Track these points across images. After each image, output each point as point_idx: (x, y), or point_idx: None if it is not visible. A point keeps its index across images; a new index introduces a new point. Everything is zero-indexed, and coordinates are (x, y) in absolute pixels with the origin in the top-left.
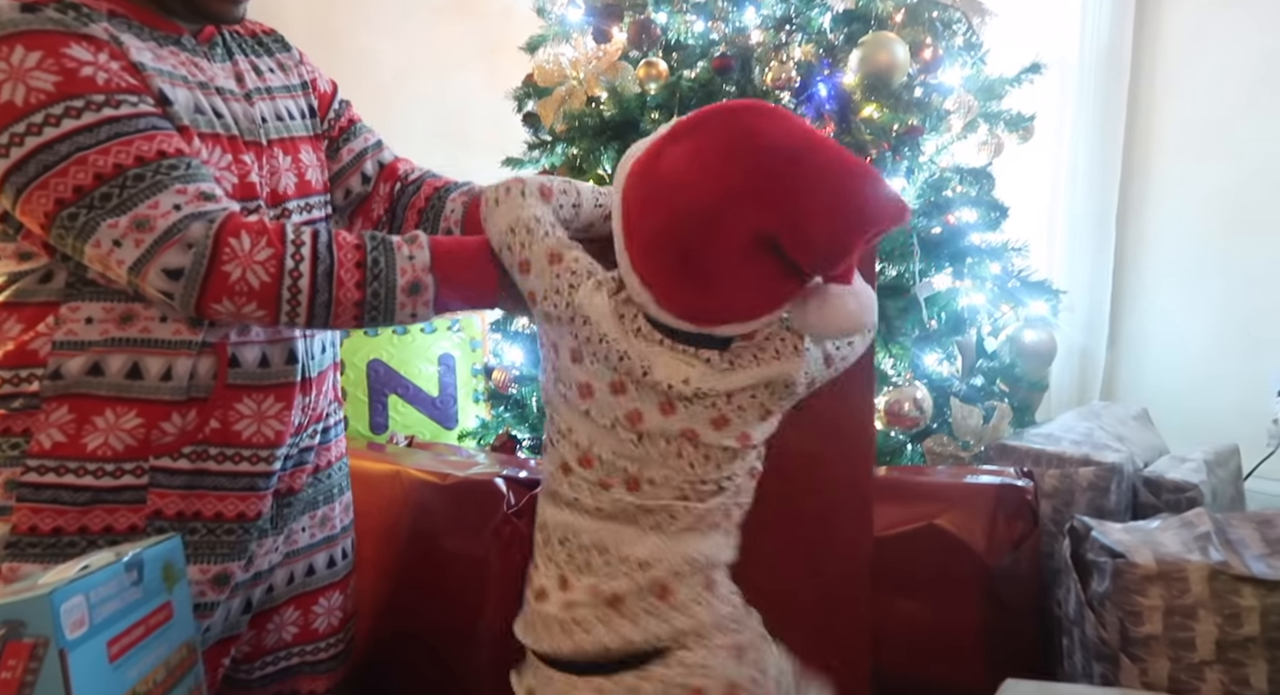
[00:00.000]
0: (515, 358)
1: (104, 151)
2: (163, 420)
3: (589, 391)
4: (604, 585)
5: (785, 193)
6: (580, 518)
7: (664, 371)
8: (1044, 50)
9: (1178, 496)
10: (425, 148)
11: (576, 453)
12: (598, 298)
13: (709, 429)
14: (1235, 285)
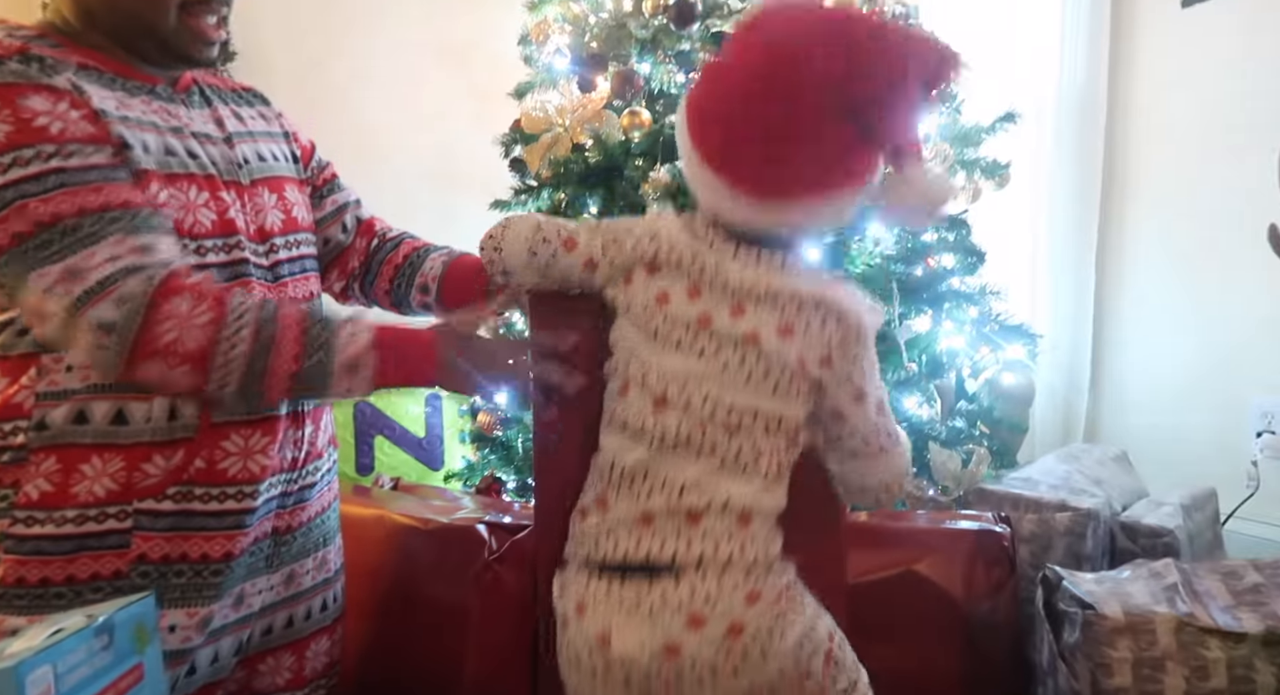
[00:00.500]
0: (501, 400)
1: (46, 201)
2: (144, 462)
3: (665, 298)
4: (639, 505)
5: (861, 54)
6: (628, 441)
7: (738, 271)
8: (1021, 96)
9: (1154, 541)
10: (414, 189)
11: (639, 372)
12: (664, 220)
13: (773, 335)
14: (1212, 326)
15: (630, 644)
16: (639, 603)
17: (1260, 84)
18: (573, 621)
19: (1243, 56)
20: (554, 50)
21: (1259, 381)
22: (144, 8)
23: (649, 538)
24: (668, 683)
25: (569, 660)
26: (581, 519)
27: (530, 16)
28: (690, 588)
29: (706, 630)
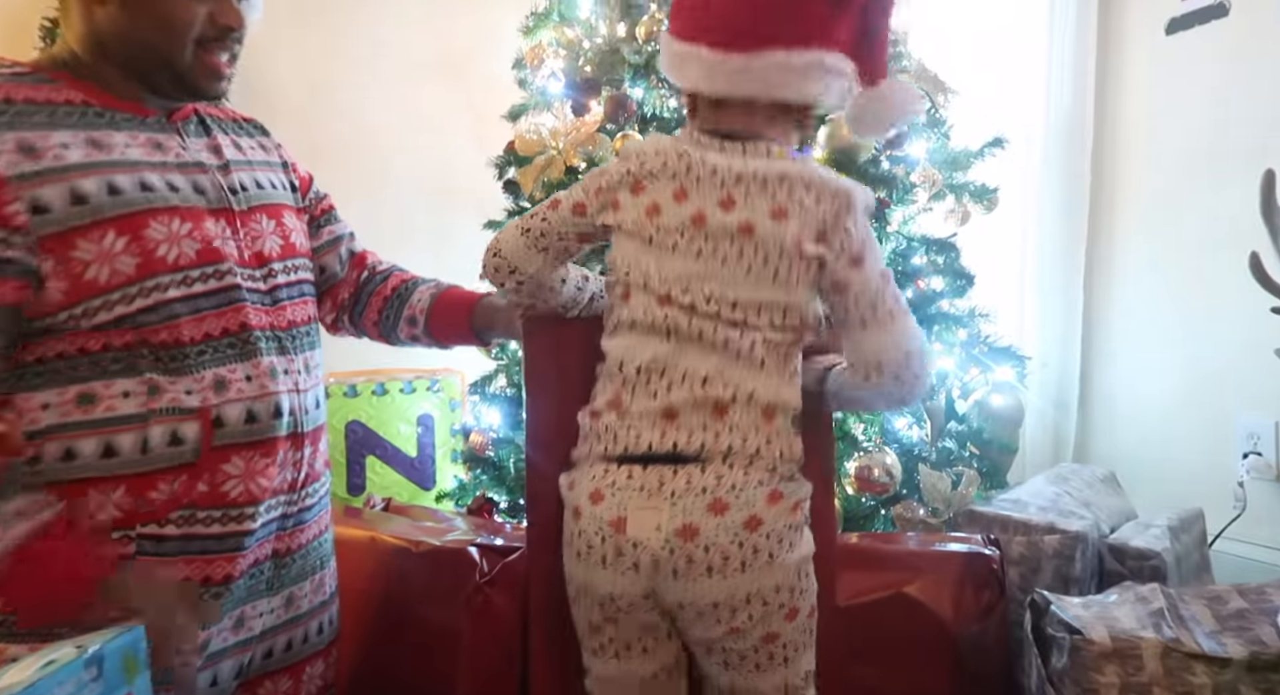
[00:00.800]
0: (493, 420)
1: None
2: (149, 491)
3: (655, 210)
4: (661, 400)
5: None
6: (639, 338)
7: (724, 160)
8: (1009, 121)
9: (1141, 564)
10: (412, 205)
11: (640, 278)
12: (640, 140)
13: (767, 219)
14: (1199, 347)
15: (645, 527)
16: (661, 485)
17: (1243, 109)
18: (586, 510)
19: (1226, 83)
20: (548, 74)
21: (1245, 402)
22: (161, 42)
23: (674, 430)
24: (675, 570)
25: (578, 552)
26: (594, 419)
27: (525, 41)
28: (716, 475)
29: (727, 517)
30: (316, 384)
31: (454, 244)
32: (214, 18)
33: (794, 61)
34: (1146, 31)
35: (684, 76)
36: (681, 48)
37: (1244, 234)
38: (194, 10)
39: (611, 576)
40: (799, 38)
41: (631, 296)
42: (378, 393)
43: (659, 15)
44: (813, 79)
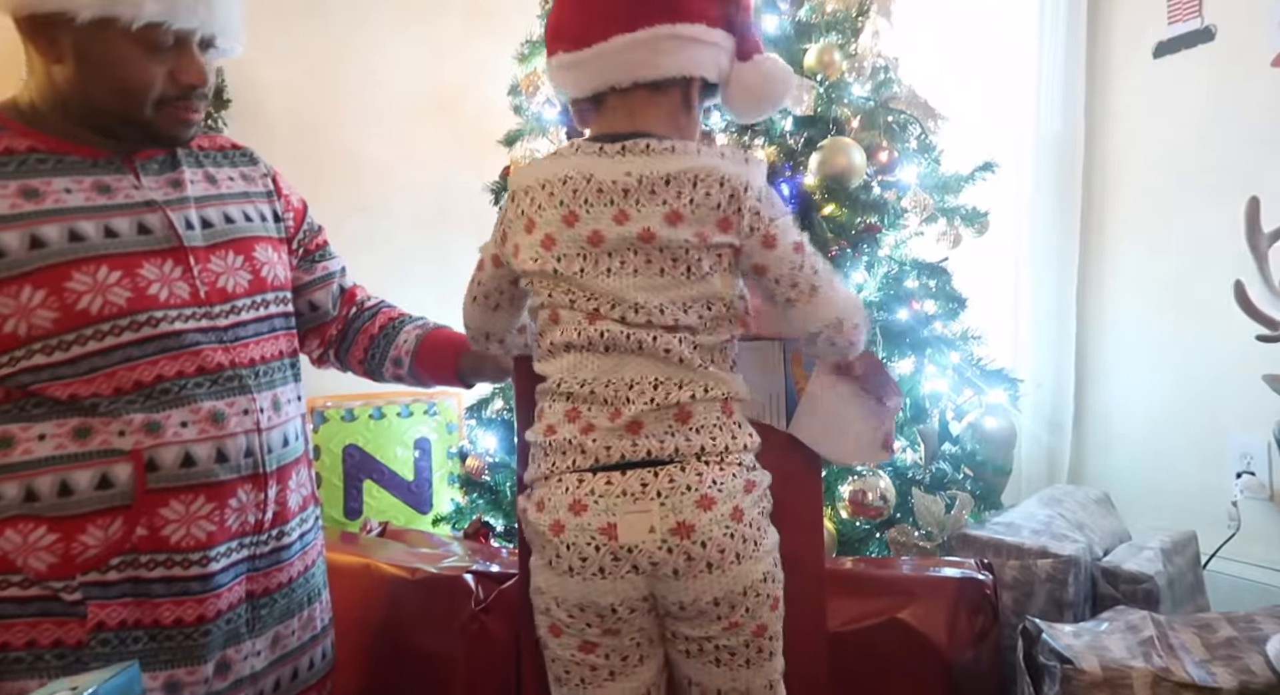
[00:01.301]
0: (490, 444)
1: None
2: (80, 534)
3: (550, 242)
4: (623, 416)
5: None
6: (578, 357)
7: (606, 170)
8: (1000, 144)
9: (1134, 588)
10: (407, 231)
11: (564, 300)
12: (522, 173)
13: (664, 225)
14: (1192, 367)
15: (638, 531)
16: (645, 487)
17: (1230, 131)
18: (570, 522)
19: (1213, 105)
20: (543, 100)
21: (1238, 421)
22: (118, 104)
23: (644, 439)
24: (676, 569)
25: (569, 568)
26: (549, 435)
27: (520, 68)
28: (697, 472)
29: (715, 511)
30: (288, 420)
31: (452, 269)
32: (175, 76)
33: (641, 37)
34: (1134, 55)
35: (560, 87)
36: (549, 63)
37: (1232, 255)
38: (151, 71)
39: (611, 585)
40: (639, 17)
41: (560, 318)
42: (375, 416)
43: None
44: (666, 52)
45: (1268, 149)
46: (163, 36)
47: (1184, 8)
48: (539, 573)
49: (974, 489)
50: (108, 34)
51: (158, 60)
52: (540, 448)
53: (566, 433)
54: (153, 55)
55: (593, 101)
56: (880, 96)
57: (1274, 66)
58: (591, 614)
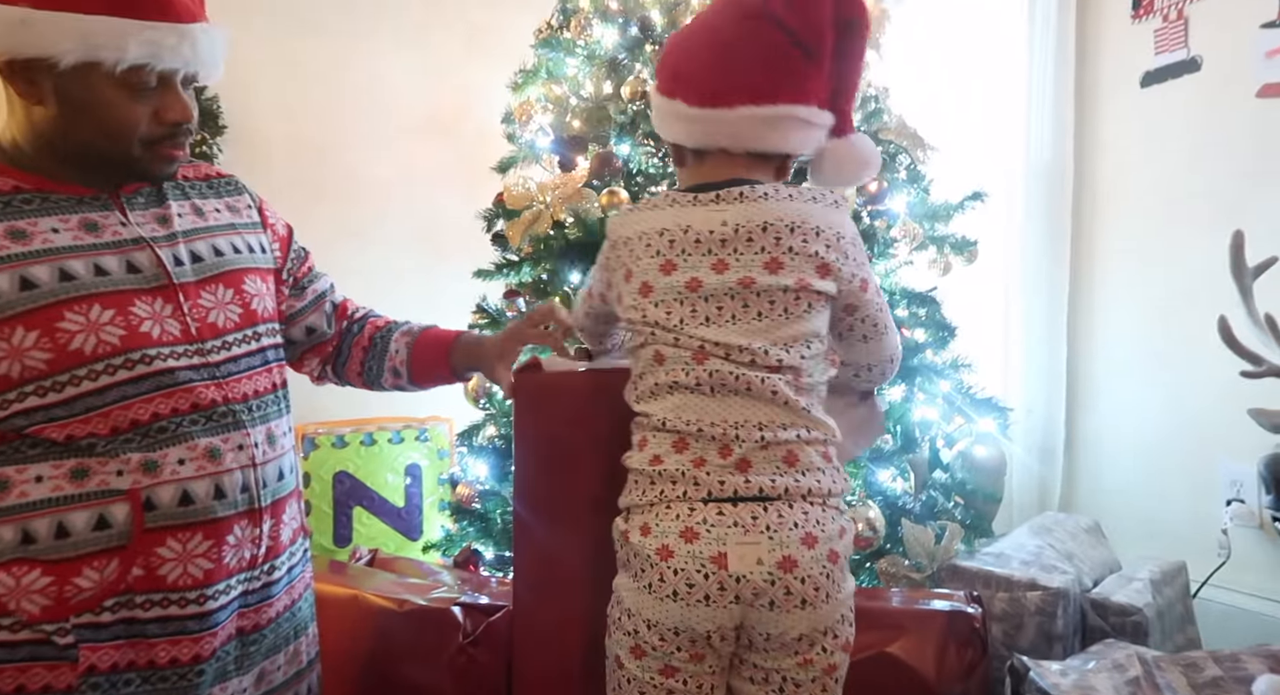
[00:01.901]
0: (480, 472)
1: None
2: (74, 576)
3: (647, 290)
4: (732, 448)
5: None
6: (684, 397)
7: (701, 221)
8: (990, 173)
9: (1123, 620)
10: (402, 255)
11: (667, 339)
12: (618, 222)
13: (764, 273)
14: (1181, 395)
15: (747, 561)
16: (755, 520)
17: (1215, 161)
18: (680, 549)
19: (1200, 134)
20: (537, 129)
21: (1228, 449)
22: (103, 144)
23: (756, 476)
24: (773, 601)
25: (673, 592)
26: (654, 463)
27: (514, 97)
28: (803, 511)
29: (816, 550)
30: (282, 454)
31: (444, 291)
32: (160, 115)
33: (764, 114)
34: (1122, 84)
35: (667, 130)
36: (663, 103)
37: (1220, 284)
38: (135, 111)
39: (712, 612)
40: (769, 93)
41: (665, 359)
42: (366, 443)
43: (644, 76)
44: (782, 131)
45: (1253, 179)
46: (146, 77)
47: (1170, 38)
48: (633, 594)
49: (964, 518)
50: (90, 78)
51: (142, 100)
52: (645, 475)
53: (675, 463)
54: (136, 96)
55: (696, 153)
56: (870, 127)
57: (1259, 97)
58: (685, 639)
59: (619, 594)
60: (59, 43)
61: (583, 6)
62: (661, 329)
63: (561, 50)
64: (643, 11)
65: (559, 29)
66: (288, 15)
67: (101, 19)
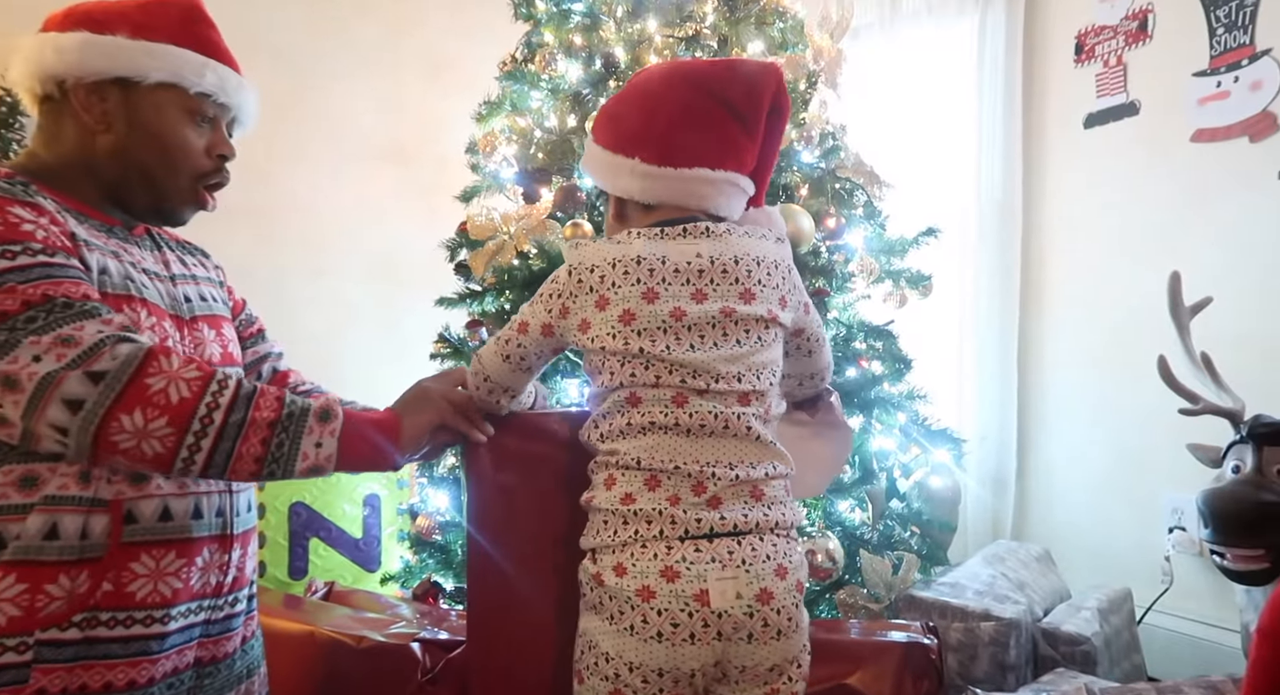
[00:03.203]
0: (441, 503)
1: (34, 286)
2: (48, 583)
3: (629, 317)
4: (706, 485)
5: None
6: (659, 437)
7: (677, 253)
8: (943, 211)
9: (1073, 649)
10: (359, 285)
11: (647, 379)
12: (581, 252)
13: (740, 303)
14: (1125, 426)
15: (728, 597)
16: (732, 554)
17: (1154, 201)
18: (662, 589)
19: (1140, 173)
20: (501, 160)
21: (1170, 478)
22: (159, 168)
23: (728, 511)
24: (751, 633)
25: (657, 633)
26: (625, 502)
27: (478, 128)
28: (773, 543)
29: (787, 580)
30: (248, 488)
31: (401, 318)
32: (210, 149)
33: (713, 177)
34: (1067, 126)
35: (616, 185)
36: (614, 159)
37: (1156, 320)
38: (195, 142)
39: (698, 650)
40: (718, 160)
41: (642, 400)
42: None
43: None
44: (726, 194)
45: (1189, 220)
46: (208, 108)
47: (1110, 83)
48: (610, 637)
49: (920, 547)
50: (163, 99)
51: (198, 132)
52: (616, 514)
53: (649, 502)
54: (195, 126)
55: (644, 206)
56: (828, 164)
57: (1192, 142)
58: (669, 680)
59: (591, 638)
60: (147, 64)
61: (548, 41)
62: (648, 360)
63: (526, 83)
64: (606, 48)
65: (524, 62)
66: (248, 40)
67: (184, 51)
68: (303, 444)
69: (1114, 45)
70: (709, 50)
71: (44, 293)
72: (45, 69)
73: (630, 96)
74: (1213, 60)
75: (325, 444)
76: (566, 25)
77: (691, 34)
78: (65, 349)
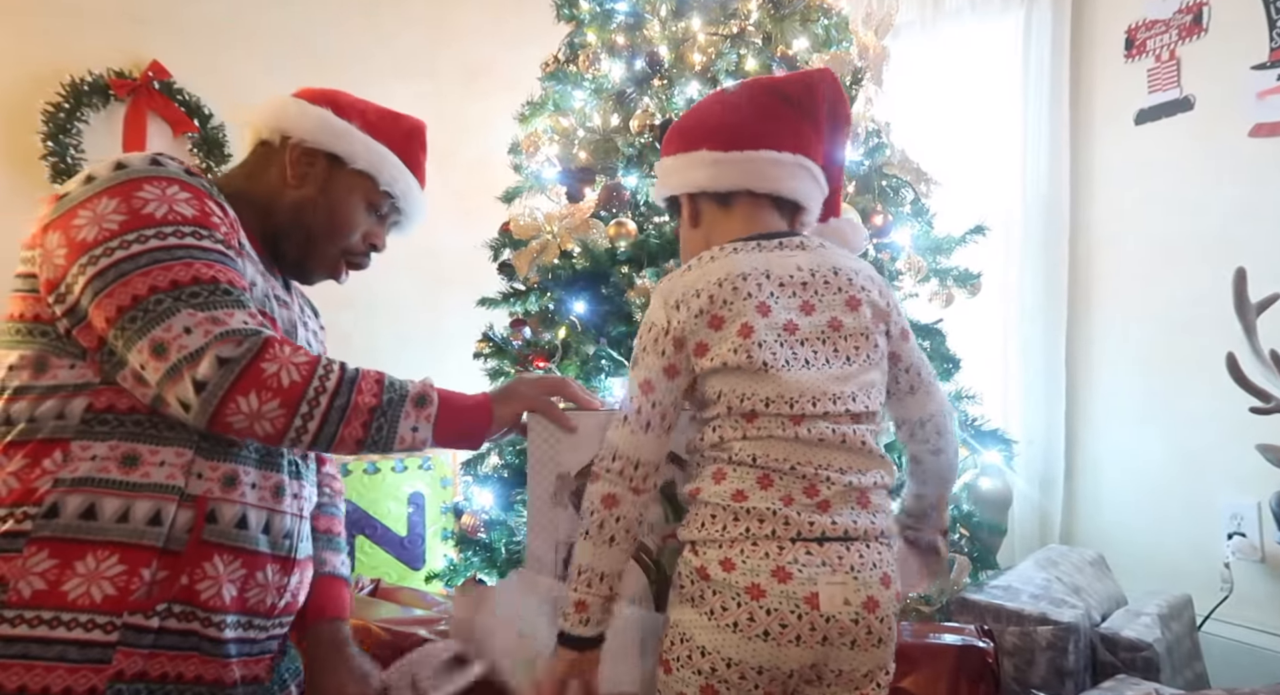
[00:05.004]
0: (485, 501)
1: (209, 265)
2: (143, 567)
3: (748, 330)
4: (819, 488)
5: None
6: (776, 443)
7: (778, 266)
8: (990, 209)
9: (1134, 655)
10: (402, 284)
11: (761, 402)
12: (681, 280)
13: (847, 312)
14: (1180, 428)
15: (836, 602)
16: (841, 560)
17: (1210, 198)
18: (773, 589)
19: (1194, 169)
20: (543, 160)
21: (1228, 482)
22: (321, 233)
23: (838, 516)
24: (855, 640)
25: (764, 631)
26: (736, 498)
27: (521, 128)
28: (878, 551)
29: (890, 589)
30: (309, 519)
31: (445, 321)
32: (368, 235)
33: (781, 158)
34: (1116, 122)
35: (687, 181)
36: (684, 158)
37: (1213, 318)
38: (360, 222)
39: (800, 652)
40: (784, 143)
41: (758, 419)
42: (369, 471)
43: (651, 109)
44: (797, 178)
45: (1247, 217)
46: (384, 204)
47: (1163, 78)
48: (709, 632)
49: (970, 550)
50: (355, 183)
51: (366, 219)
52: (726, 510)
53: (763, 500)
54: (367, 213)
55: (720, 199)
56: (874, 161)
57: (1251, 137)
58: (767, 678)
59: (685, 630)
60: (359, 152)
61: (590, 41)
62: (763, 380)
63: (569, 83)
64: (650, 47)
65: (566, 62)
66: (291, 46)
67: (392, 155)
68: (400, 428)
69: (1166, 39)
70: (753, 48)
71: (213, 275)
72: (282, 122)
73: (693, 110)
74: (1273, 52)
75: (421, 429)
76: (610, 25)
77: (736, 32)
78: (213, 327)
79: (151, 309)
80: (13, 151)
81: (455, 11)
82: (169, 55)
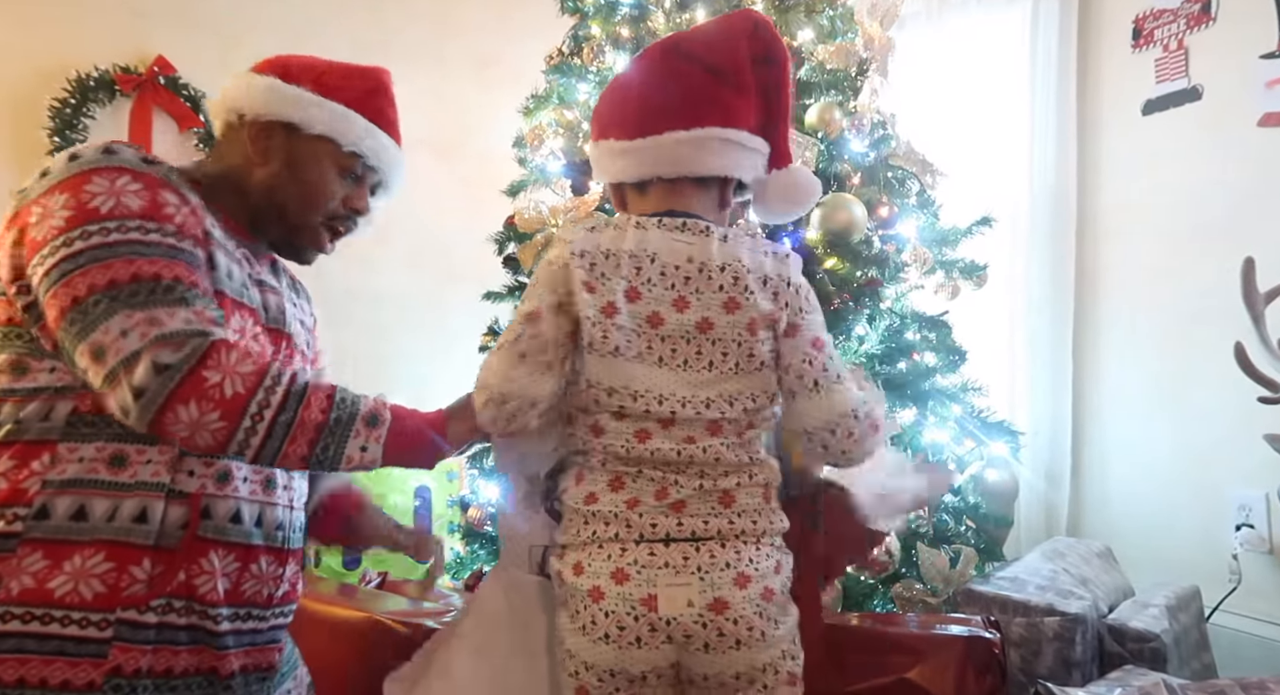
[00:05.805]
0: (491, 495)
1: (151, 261)
2: (133, 565)
3: (612, 309)
4: (670, 491)
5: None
6: (627, 446)
7: (668, 252)
8: (996, 200)
9: (1142, 646)
10: (409, 277)
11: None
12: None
13: (722, 313)
14: (1188, 420)
15: (677, 604)
16: (686, 560)
17: (1218, 188)
18: (611, 590)
19: (1202, 159)
20: (548, 153)
21: (1236, 473)
22: (298, 205)
23: (689, 519)
24: (707, 643)
25: (605, 635)
26: (588, 501)
27: (525, 122)
28: (735, 551)
29: (749, 590)
30: (302, 511)
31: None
32: (347, 201)
33: (690, 137)
34: (1124, 112)
35: (606, 171)
36: (597, 148)
37: (1221, 309)
38: (335, 189)
39: (645, 654)
40: (693, 118)
41: (605, 432)
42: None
43: None
44: (713, 153)
45: (1255, 207)
46: (356, 166)
47: (1171, 68)
48: (570, 636)
49: (976, 542)
50: (319, 150)
51: (341, 184)
52: (578, 513)
53: (609, 503)
54: (340, 178)
55: (637, 187)
56: (879, 152)
57: (1260, 126)
58: (622, 680)
59: (560, 634)
60: (314, 116)
61: (594, 34)
62: (618, 366)
63: (573, 76)
64: (654, 39)
65: (570, 55)
66: (296, 40)
67: (351, 113)
68: (348, 448)
69: (1175, 29)
70: None
71: (155, 272)
72: (235, 100)
73: (609, 87)
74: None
75: (370, 449)
76: (614, 18)
77: None
78: (149, 328)
79: (90, 311)
80: (19, 146)
81: (460, 5)
82: (174, 50)
